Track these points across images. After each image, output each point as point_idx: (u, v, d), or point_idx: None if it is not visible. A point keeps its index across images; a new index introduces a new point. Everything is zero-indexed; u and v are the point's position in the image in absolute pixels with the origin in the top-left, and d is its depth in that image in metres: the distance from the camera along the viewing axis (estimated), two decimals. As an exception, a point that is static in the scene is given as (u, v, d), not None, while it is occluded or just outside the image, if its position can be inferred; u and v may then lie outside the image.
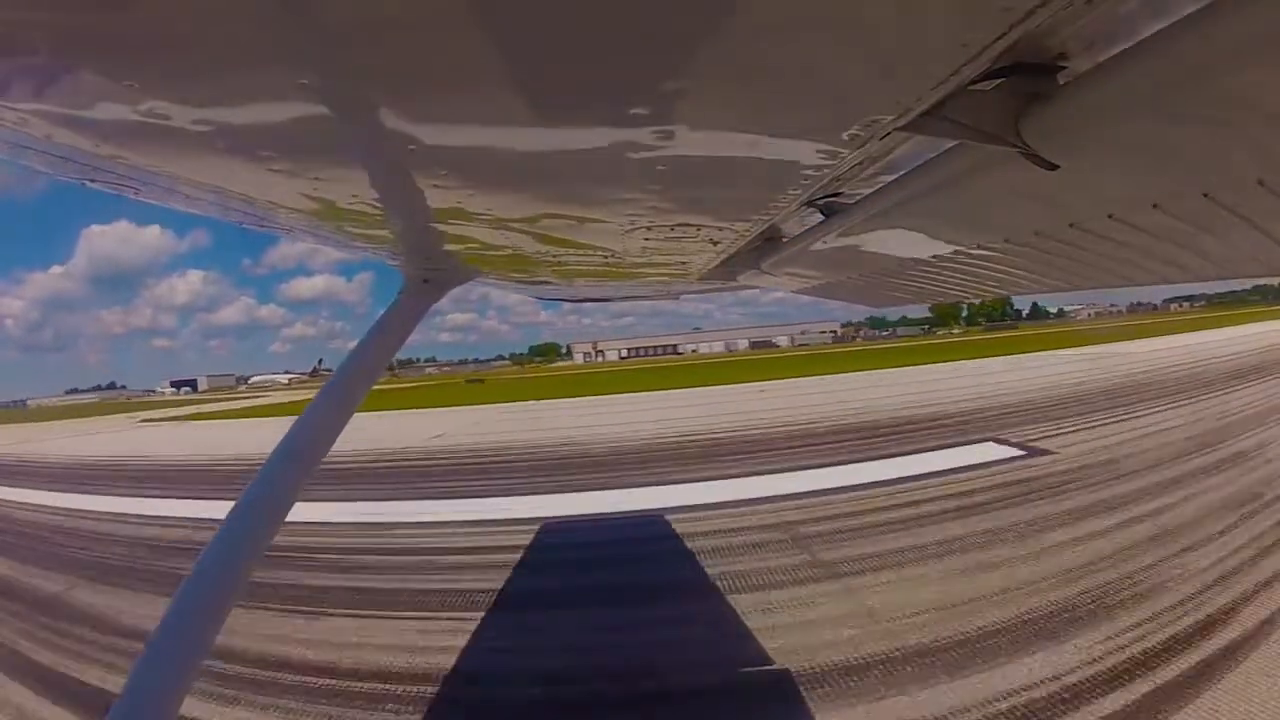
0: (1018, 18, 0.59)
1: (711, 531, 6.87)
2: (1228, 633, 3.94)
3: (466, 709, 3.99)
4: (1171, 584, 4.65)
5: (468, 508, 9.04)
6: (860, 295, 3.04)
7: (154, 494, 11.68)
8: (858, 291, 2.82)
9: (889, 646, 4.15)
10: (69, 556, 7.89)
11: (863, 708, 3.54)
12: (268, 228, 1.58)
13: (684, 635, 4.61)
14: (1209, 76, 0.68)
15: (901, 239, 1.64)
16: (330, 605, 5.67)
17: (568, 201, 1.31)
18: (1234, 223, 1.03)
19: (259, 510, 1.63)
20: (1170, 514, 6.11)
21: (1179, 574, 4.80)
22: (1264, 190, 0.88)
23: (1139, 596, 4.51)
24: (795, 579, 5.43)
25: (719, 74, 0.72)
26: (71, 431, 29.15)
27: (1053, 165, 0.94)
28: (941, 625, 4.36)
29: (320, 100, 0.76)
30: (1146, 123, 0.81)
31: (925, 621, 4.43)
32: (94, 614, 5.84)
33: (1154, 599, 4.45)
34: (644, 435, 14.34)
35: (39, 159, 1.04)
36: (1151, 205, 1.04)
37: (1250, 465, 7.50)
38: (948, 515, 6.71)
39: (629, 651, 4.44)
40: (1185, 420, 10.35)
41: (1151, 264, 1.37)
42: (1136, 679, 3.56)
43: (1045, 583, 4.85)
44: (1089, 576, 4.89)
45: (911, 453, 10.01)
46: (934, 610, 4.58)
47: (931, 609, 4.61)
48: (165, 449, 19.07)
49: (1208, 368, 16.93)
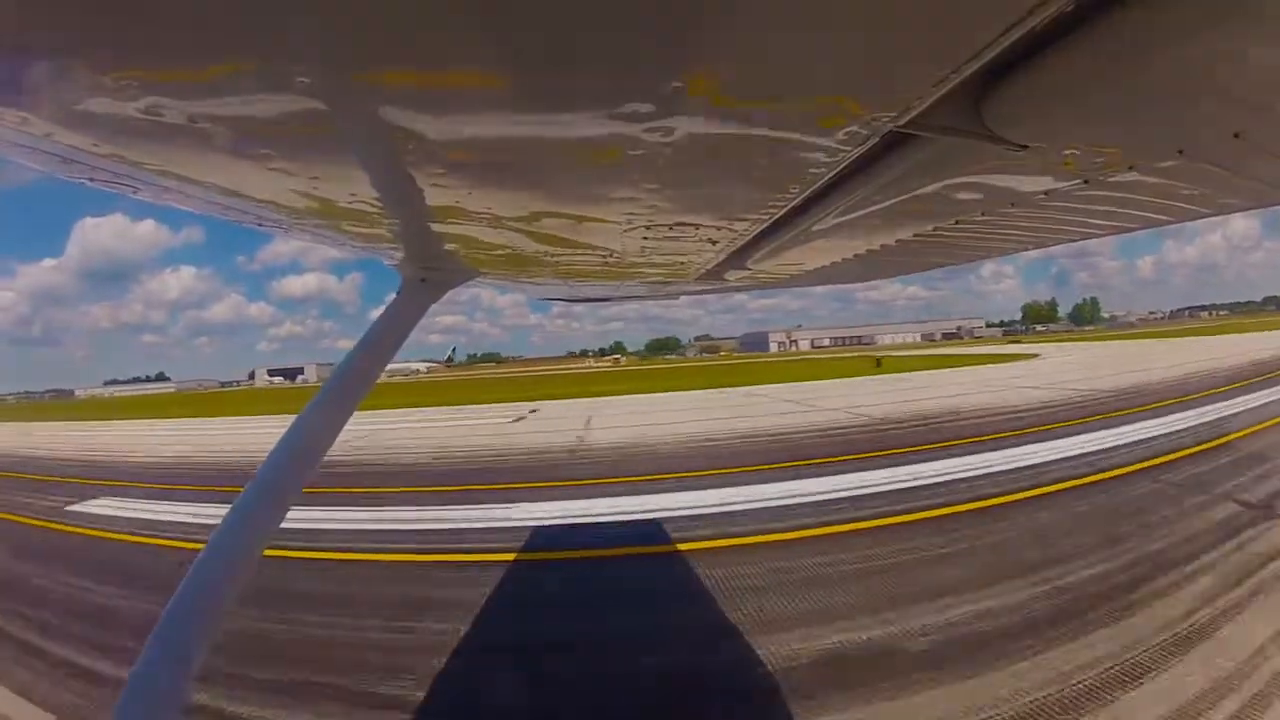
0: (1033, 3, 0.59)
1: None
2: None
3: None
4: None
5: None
6: (842, 277, 3.09)
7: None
8: (840, 274, 2.85)
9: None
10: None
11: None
12: (266, 226, 1.58)
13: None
14: (1172, 41, 0.68)
15: (887, 224, 1.66)
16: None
17: (566, 200, 1.31)
18: (1210, 170, 1.04)
19: (259, 510, 1.63)
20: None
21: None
22: (1240, 141, 0.89)
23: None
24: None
25: (719, 73, 0.72)
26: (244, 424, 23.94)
27: (1020, 146, 0.94)
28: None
29: (319, 98, 0.76)
30: (1113, 92, 0.81)
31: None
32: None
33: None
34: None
35: (38, 158, 1.04)
36: (1128, 168, 1.05)
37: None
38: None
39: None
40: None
41: (1130, 214, 1.42)
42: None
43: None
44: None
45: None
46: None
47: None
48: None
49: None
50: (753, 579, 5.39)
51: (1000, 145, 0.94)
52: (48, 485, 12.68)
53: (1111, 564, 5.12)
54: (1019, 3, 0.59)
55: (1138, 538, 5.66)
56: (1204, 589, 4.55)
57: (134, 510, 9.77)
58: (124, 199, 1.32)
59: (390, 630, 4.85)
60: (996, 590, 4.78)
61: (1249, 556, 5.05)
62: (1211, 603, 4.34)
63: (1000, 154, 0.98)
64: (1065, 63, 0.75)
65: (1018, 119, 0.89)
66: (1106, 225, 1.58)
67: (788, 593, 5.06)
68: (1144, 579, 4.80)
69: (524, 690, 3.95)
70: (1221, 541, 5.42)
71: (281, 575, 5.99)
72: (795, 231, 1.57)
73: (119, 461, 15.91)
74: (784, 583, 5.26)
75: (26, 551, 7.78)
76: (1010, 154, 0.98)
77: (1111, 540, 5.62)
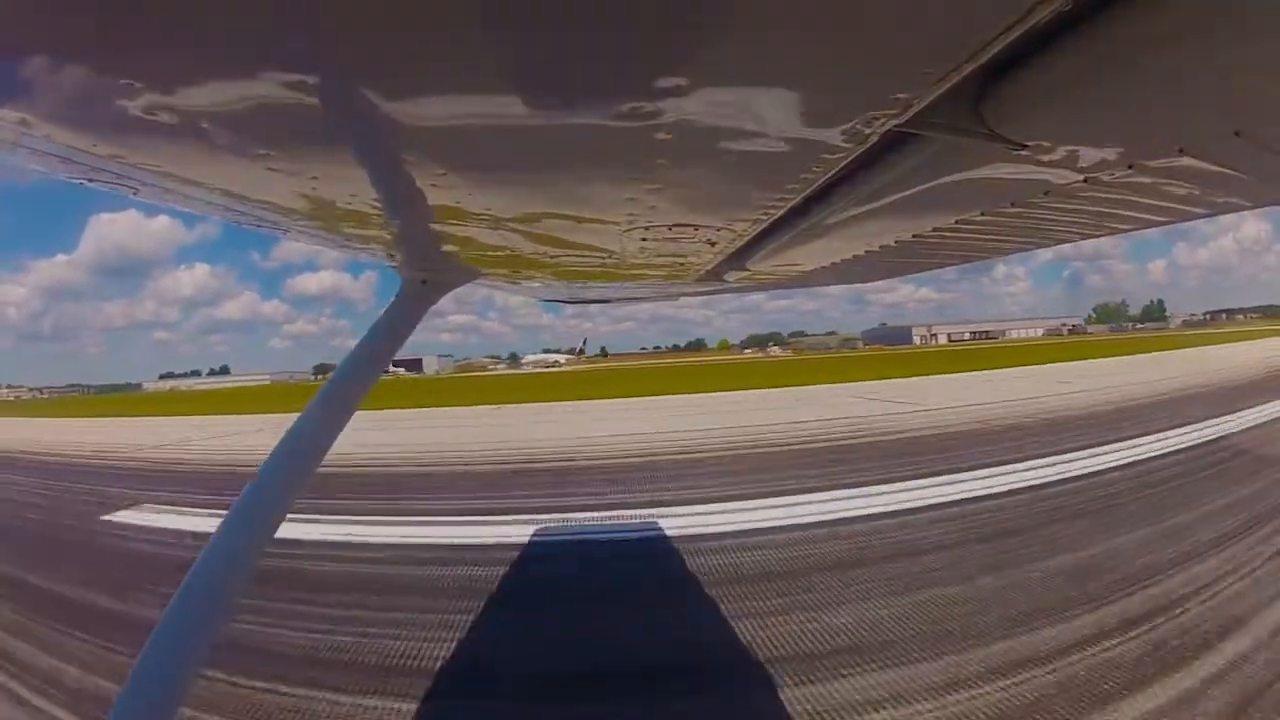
0: (1033, 2, 0.59)
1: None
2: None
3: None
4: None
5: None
6: (843, 277, 3.10)
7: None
8: (840, 274, 2.86)
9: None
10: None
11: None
12: (265, 228, 1.58)
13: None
14: (1173, 39, 0.68)
15: (886, 225, 1.66)
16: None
17: (566, 201, 1.31)
18: (1211, 170, 1.04)
19: (258, 511, 1.63)
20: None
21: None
22: (1240, 140, 0.89)
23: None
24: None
25: (719, 74, 0.72)
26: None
27: (1021, 145, 0.94)
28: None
29: (319, 99, 0.76)
30: (1113, 91, 0.81)
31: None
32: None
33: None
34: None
35: (37, 159, 1.04)
36: (1129, 167, 1.05)
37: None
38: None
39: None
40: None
41: (1131, 214, 1.42)
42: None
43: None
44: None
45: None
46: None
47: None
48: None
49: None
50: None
51: (1000, 144, 0.94)
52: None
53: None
54: (1019, 1, 0.59)
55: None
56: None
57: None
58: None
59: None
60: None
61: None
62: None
63: (1000, 153, 0.98)
64: (1066, 61, 0.75)
65: (1018, 117, 0.89)
66: (1107, 225, 1.58)
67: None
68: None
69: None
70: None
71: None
72: (795, 232, 1.57)
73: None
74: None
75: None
76: (1010, 153, 0.98)
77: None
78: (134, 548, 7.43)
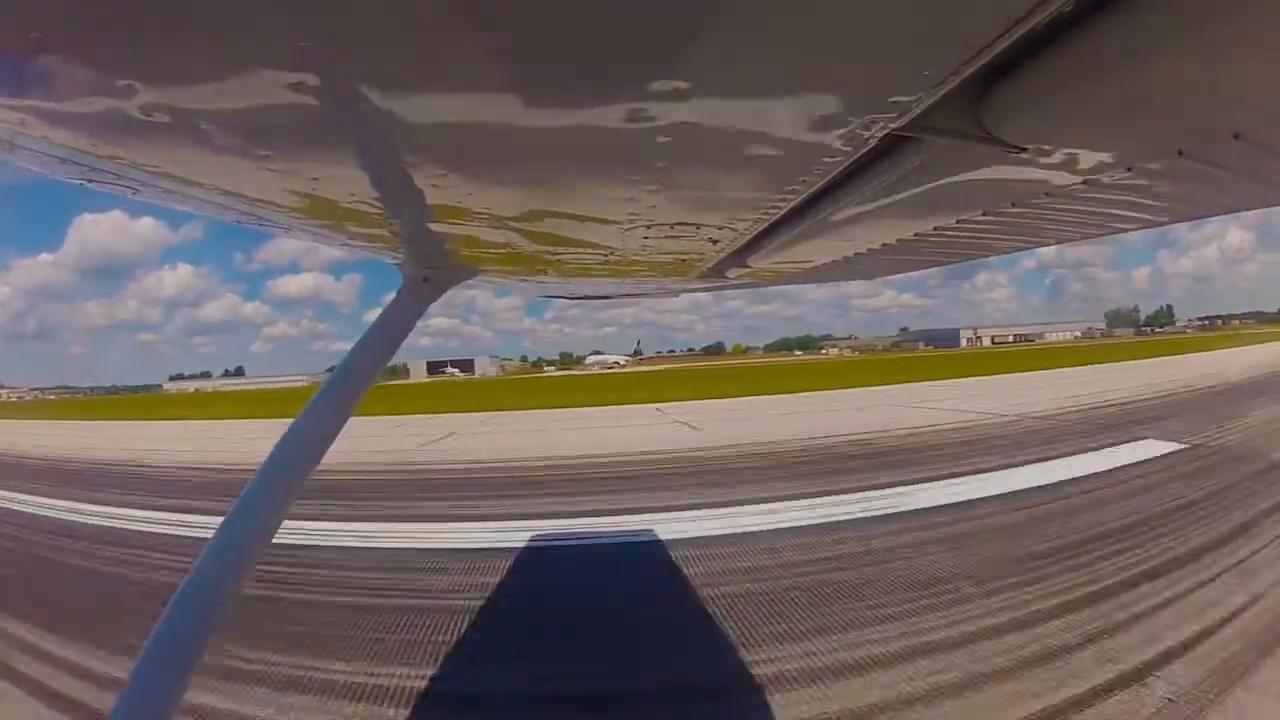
0: (1032, 4, 0.58)
1: None
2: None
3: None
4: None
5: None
6: (845, 274, 3.10)
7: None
8: (842, 271, 2.86)
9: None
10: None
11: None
12: (266, 226, 1.58)
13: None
14: (1171, 41, 0.68)
15: (887, 224, 1.66)
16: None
17: (568, 199, 1.31)
18: (1210, 171, 1.04)
19: (257, 511, 1.63)
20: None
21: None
22: (1240, 142, 0.89)
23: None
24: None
25: (719, 75, 0.72)
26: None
27: (1020, 148, 0.94)
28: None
29: (319, 98, 0.76)
30: (1112, 93, 0.81)
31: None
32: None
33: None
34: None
35: (36, 159, 1.04)
36: (1128, 168, 1.05)
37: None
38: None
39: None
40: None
41: (1131, 214, 1.42)
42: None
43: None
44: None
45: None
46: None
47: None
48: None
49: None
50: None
51: (1000, 147, 0.94)
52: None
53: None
54: (1018, 3, 0.59)
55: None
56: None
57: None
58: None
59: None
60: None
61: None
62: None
63: (1000, 155, 0.98)
64: (1064, 64, 0.75)
65: (1017, 120, 0.88)
66: (1106, 226, 1.58)
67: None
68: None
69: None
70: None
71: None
72: (799, 229, 1.57)
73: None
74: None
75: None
76: (1010, 155, 0.98)
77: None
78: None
